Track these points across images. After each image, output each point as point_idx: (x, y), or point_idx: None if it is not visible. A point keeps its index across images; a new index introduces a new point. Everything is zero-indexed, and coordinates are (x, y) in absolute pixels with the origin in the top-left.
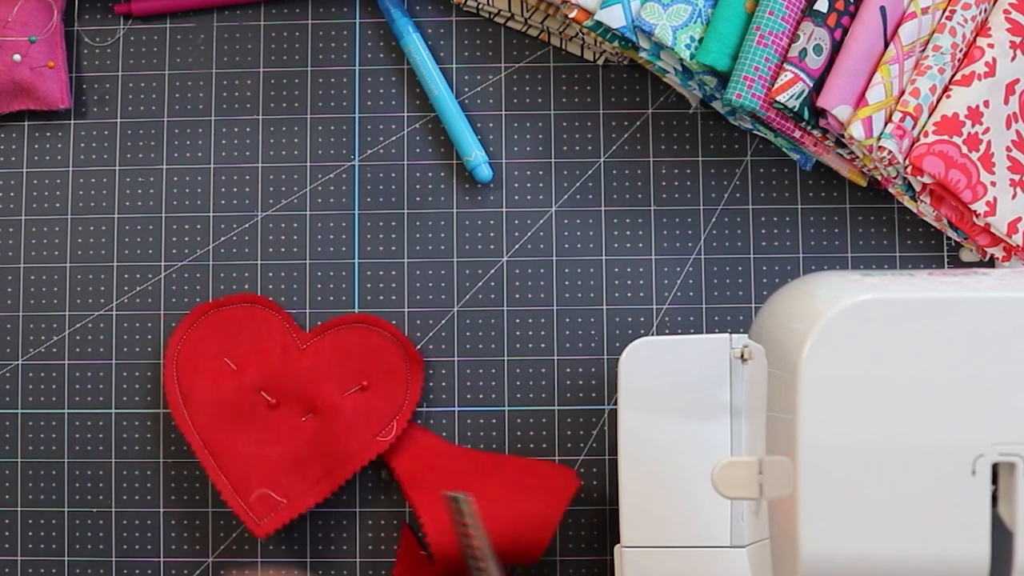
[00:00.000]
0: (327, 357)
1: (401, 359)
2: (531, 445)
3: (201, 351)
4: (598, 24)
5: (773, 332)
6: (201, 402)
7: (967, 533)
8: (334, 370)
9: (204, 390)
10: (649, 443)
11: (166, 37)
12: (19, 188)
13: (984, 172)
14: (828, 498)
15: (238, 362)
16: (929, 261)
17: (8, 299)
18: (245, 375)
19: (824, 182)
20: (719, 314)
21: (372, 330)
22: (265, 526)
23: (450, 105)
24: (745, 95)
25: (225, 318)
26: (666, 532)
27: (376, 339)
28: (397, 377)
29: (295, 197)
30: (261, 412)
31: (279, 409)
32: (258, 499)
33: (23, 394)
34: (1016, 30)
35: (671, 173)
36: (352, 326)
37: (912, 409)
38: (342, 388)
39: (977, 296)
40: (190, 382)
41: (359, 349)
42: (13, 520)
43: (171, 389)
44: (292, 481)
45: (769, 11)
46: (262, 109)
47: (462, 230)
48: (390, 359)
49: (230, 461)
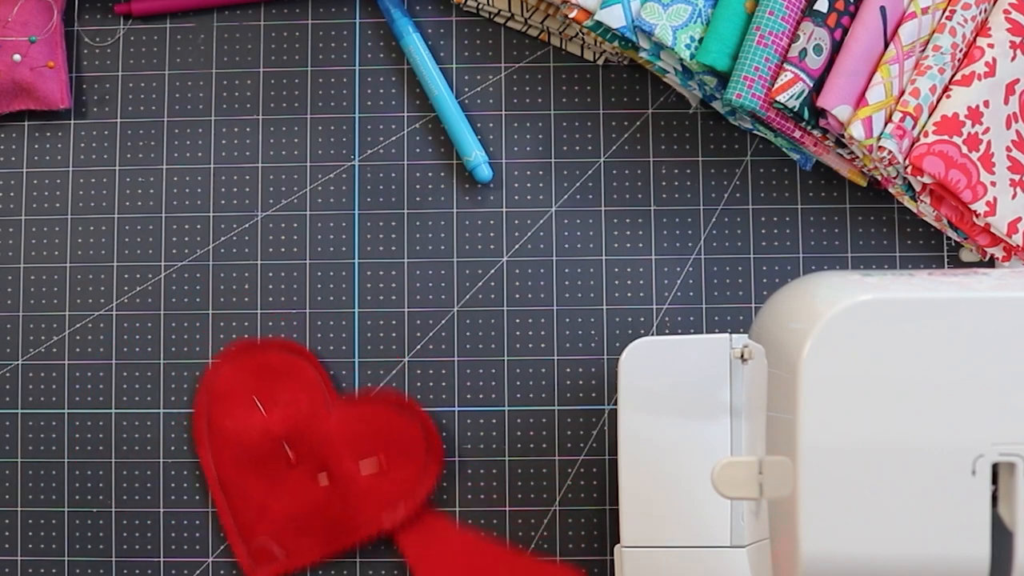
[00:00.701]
0: (352, 427)
1: (423, 448)
2: (531, 445)
3: (237, 385)
4: (598, 24)
5: (773, 332)
6: (226, 440)
7: (967, 533)
8: (357, 440)
9: (231, 429)
10: (649, 443)
11: (166, 37)
12: (19, 188)
13: (984, 172)
14: (828, 498)
15: (268, 408)
16: (929, 261)
17: (8, 299)
18: (273, 423)
19: (824, 182)
20: (719, 314)
21: (403, 411)
22: (260, 574)
23: (450, 105)
24: (745, 95)
25: (267, 360)
26: (666, 532)
27: (403, 423)
28: (416, 463)
29: (295, 197)
30: (280, 465)
31: (297, 467)
32: (259, 547)
33: (23, 394)
34: (1016, 30)
35: (671, 173)
36: (384, 404)
37: (912, 409)
38: (360, 462)
39: (977, 296)
40: (220, 417)
41: (386, 428)
42: (13, 520)
43: (199, 421)
44: (295, 538)
45: (769, 11)
46: (262, 109)
47: (462, 230)
48: (412, 446)
49: (241, 504)
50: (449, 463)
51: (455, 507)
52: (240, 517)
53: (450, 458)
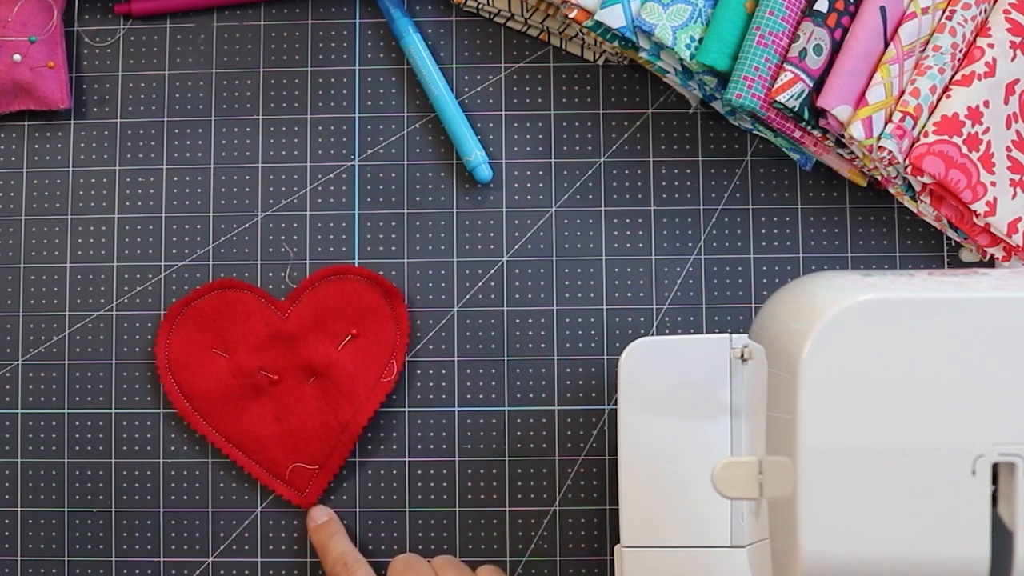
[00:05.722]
0: (311, 318)
1: (381, 297)
2: (531, 445)
3: (190, 349)
4: (598, 24)
5: (773, 332)
6: (207, 399)
7: (967, 533)
8: (321, 328)
9: (205, 386)
10: (649, 443)
11: (166, 37)
12: (19, 188)
13: (984, 172)
14: (828, 498)
15: (228, 349)
16: (929, 261)
17: (8, 299)
18: (239, 359)
19: (824, 182)
20: (719, 314)
21: (345, 279)
22: (308, 496)
23: (450, 105)
24: (745, 95)
25: (202, 310)
26: (666, 532)
27: (352, 286)
28: (383, 316)
29: (295, 197)
30: (267, 390)
31: (282, 382)
32: (293, 474)
33: (23, 394)
34: (1016, 30)
35: (671, 173)
36: (325, 280)
37: (912, 409)
38: (334, 343)
39: (977, 296)
40: (189, 383)
41: (338, 300)
42: (13, 520)
43: (174, 395)
44: (316, 446)
45: (769, 11)
46: (262, 109)
47: (462, 230)
48: (371, 301)
49: (254, 445)
50: (449, 463)
51: (455, 507)
52: (262, 458)
53: (450, 458)
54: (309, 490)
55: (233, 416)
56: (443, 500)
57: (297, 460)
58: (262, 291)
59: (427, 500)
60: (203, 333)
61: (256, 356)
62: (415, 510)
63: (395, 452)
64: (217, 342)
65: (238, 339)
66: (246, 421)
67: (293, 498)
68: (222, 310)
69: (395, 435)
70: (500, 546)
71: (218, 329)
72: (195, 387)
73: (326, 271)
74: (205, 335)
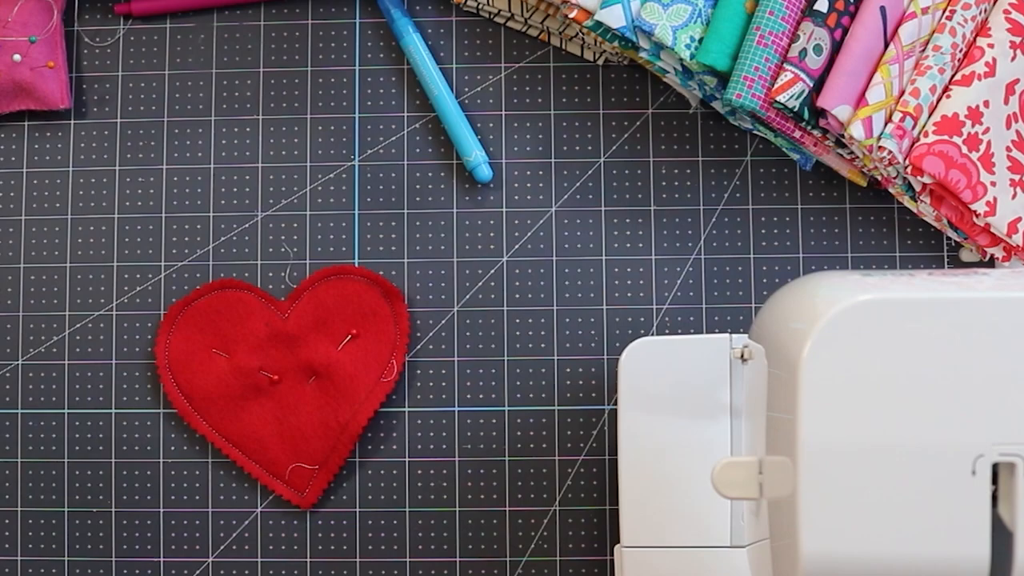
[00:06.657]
0: (311, 318)
1: (381, 297)
2: (531, 445)
3: (190, 349)
4: (598, 24)
5: (773, 332)
6: (207, 399)
7: (967, 533)
8: (321, 328)
9: (205, 386)
10: (649, 443)
11: (166, 37)
12: (19, 188)
13: (984, 172)
14: (828, 498)
15: (228, 349)
16: (929, 261)
17: (8, 299)
18: (240, 359)
19: (824, 182)
20: (719, 314)
21: (345, 279)
22: (308, 497)
23: (450, 105)
24: (745, 95)
25: (202, 310)
26: (666, 532)
27: (352, 286)
28: (383, 316)
29: (295, 197)
30: (267, 390)
31: (282, 382)
32: (292, 474)
33: (23, 394)
34: (1016, 30)
35: (671, 173)
36: (325, 280)
37: (912, 409)
38: (334, 343)
39: (977, 296)
40: (189, 383)
41: (338, 301)
42: (13, 520)
43: (174, 395)
44: (316, 446)
45: (769, 11)
46: (262, 109)
47: (462, 230)
48: (371, 301)
49: (254, 445)
50: (449, 463)
51: (455, 507)
52: (262, 458)
53: (450, 458)
54: (309, 490)
55: (233, 416)
56: (443, 500)
57: (297, 460)
58: (262, 291)
59: (427, 500)
60: (203, 333)
61: (256, 356)
62: (415, 510)
63: (395, 452)
64: (217, 342)
65: (238, 339)
66: (246, 421)
67: (293, 498)
68: (222, 310)
69: (395, 435)
70: (500, 546)
71: (218, 329)
72: (195, 387)
73: (326, 271)
74: (205, 335)
